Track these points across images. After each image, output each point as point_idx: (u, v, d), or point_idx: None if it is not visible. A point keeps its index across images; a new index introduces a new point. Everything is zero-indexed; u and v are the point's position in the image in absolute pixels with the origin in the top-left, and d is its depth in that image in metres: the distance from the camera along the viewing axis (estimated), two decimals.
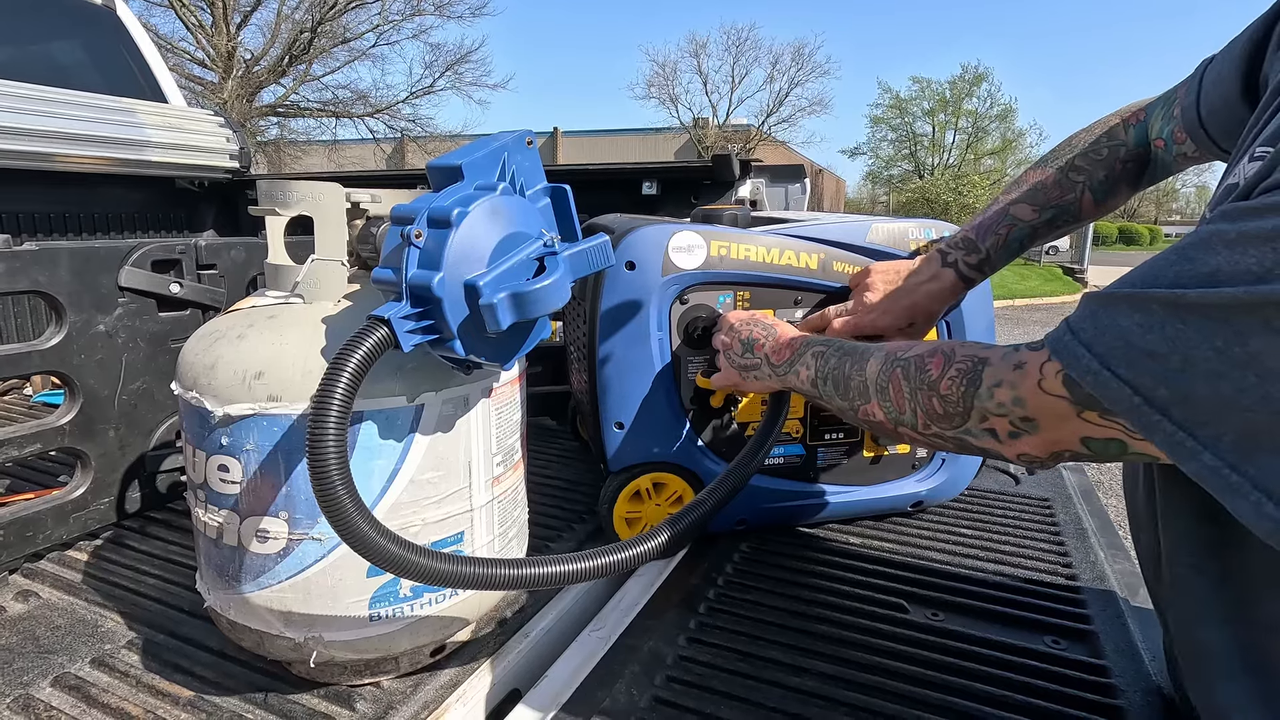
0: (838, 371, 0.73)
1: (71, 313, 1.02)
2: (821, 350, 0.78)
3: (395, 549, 0.61)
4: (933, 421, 0.62)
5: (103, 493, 1.10)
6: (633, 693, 0.76)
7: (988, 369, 0.57)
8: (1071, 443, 0.53)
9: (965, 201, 27.32)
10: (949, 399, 0.59)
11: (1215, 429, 0.43)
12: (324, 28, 17.08)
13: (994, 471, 1.35)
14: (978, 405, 0.57)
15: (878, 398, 0.67)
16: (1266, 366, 0.40)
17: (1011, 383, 0.55)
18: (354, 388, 0.59)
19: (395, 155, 24.01)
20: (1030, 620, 0.88)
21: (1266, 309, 0.40)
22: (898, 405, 0.65)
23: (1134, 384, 0.46)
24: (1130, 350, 0.46)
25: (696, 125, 28.35)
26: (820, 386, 0.76)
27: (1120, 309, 0.48)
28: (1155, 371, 0.45)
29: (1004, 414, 0.55)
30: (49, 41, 2.40)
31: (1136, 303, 0.47)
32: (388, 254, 0.65)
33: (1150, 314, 0.45)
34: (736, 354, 0.90)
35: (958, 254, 0.95)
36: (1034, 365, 0.53)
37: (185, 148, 2.17)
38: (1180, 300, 0.44)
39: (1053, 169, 0.92)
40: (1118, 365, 0.47)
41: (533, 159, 0.73)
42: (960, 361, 0.59)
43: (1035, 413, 0.54)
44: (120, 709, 0.73)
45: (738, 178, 1.75)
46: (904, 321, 0.95)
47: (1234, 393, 0.42)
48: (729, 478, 0.87)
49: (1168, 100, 0.83)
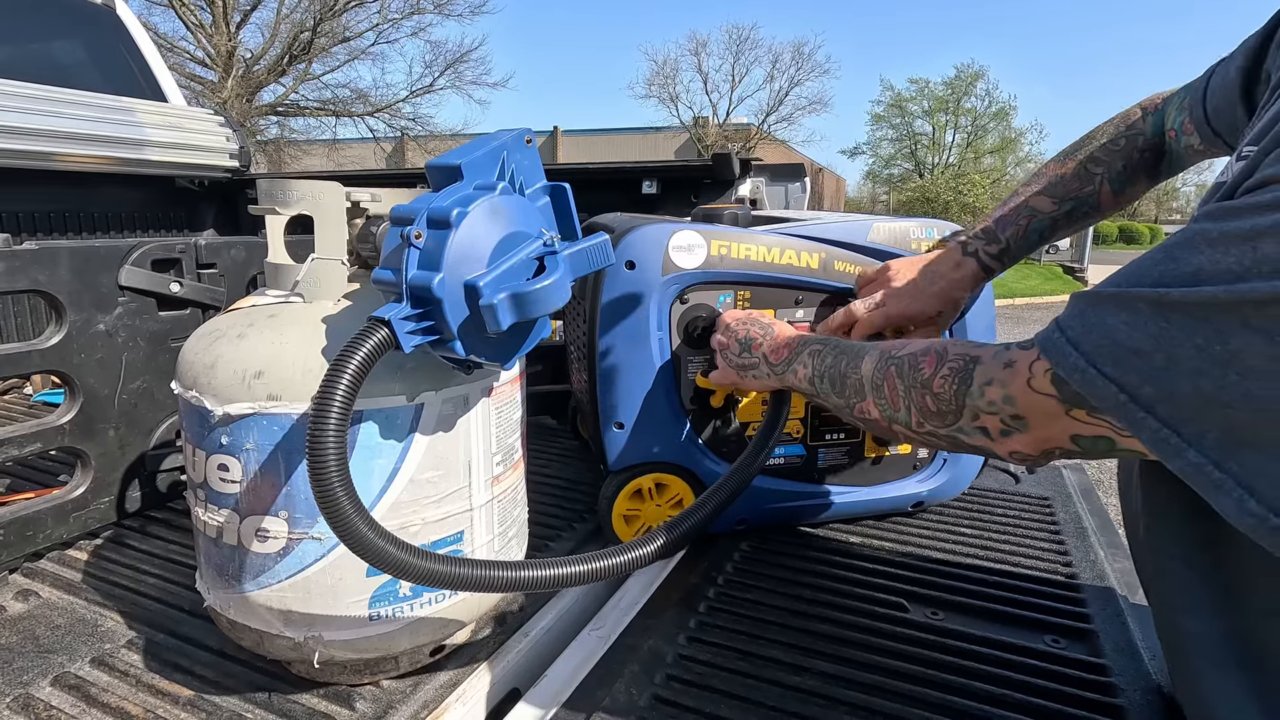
0: (834, 370, 0.74)
1: (71, 312, 1.02)
2: (818, 349, 0.78)
3: (394, 551, 0.61)
4: (926, 419, 0.62)
5: (103, 492, 1.10)
6: (633, 692, 0.76)
7: (979, 367, 0.58)
8: (1062, 440, 0.54)
9: (965, 201, 27.29)
10: (941, 397, 0.60)
11: (1198, 426, 0.44)
12: (324, 26, 17.07)
13: (994, 471, 1.35)
14: (969, 403, 0.58)
15: (873, 395, 0.68)
16: (1246, 364, 0.41)
17: (1002, 381, 0.55)
18: (354, 390, 0.59)
19: (395, 154, 24.00)
20: (1030, 619, 0.88)
21: (1244, 307, 0.41)
22: (892, 403, 0.65)
23: (1120, 382, 0.46)
24: (1116, 349, 0.47)
25: (696, 124, 28.35)
26: (817, 384, 0.76)
27: (1107, 308, 0.48)
28: (1141, 369, 0.45)
29: (995, 412, 0.56)
30: (49, 41, 2.40)
31: (1123, 302, 0.47)
32: (387, 255, 0.65)
33: (1136, 313, 0.46)
34: (734, 353, 0.90)
35: (978, 244, 0.95)
36: (1023, 364, 0.54)
37: (185, 147, 2.16)
38: (1164, 299, 0.45)
39: (1073, 161, 0.92)
40: (1104, 363, 0.47)
41: (532, 158, 0.72)
42: (952, 360, 0.60)
43: (1025, 411, 0.54)
44: (120, 708, 0.73)
45: (738, 176, 1.75)
46: (934, 308, 0.95)
47: (1215, 390, 0.42)
48: (729, 481, 0.87)
49: (1186, 90, 0.83)
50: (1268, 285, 0.40)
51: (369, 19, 18.17)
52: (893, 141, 35.34)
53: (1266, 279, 0.40)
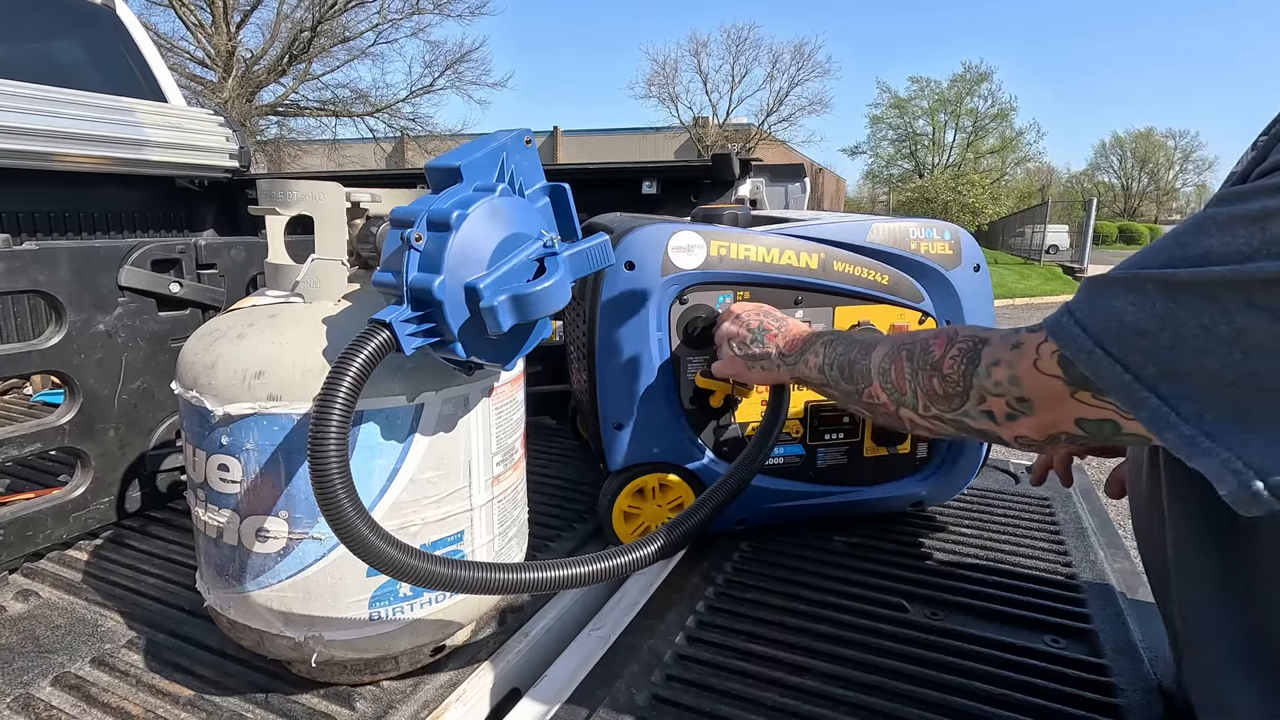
0: (844, 358, 0.75)
1: (71, 312, 1.02)
2: (831, 339, 0.80)
3: (394, 553, 0.61)
4: (932, 403, 0.63)
5: (103, 492, 1.10)
6: (632, 691, 0.76)
7: (987, 349, 0.58)
8: (1066, 424, 0.54)
9: (965, 201, 27.29)
10: (950, 378, 0.60)
11: (1198, 405, 0.44)
12: (323, 26, 17.06)
13: (994, 471, 1.35)
14: (976, 384, 0.58)
15: (879, 379, 0.69)
16: (1252, 342, 0.42)
17: (1009, 362, 0.56)
18: (356, 392, 0.59)
19: (395, 154, 24.00)
20: (1030, 619, 0.89)
21: (1251, 287, 0.41)
22: (899, 386, 0.66)
23: (1124, 361, 0.47)
24: (1122, 329, 0.47)
25: (696, 124, 28.36)
26: (827, 373, 0.78)
27: (1115, 290, 0.49)
28: (1146, 349, 0.46)
29: (1001, 394, 0.56)
30: (49, 41, 2.40)
31: (1131, 284, 0.48)
32: (388, 257, 0.65)
33: (1143, 294, 0.47)
34: (745, 342, 0.90)
35: None
36: (1031, 345, 0.54)
37: (185, 147, 2.16)
38: (1171, 279, 0.45)
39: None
40: (1110, 344, 0.48)
41: (531, 158, 0.72)
42: (962, 342, 0.61)
43: (1031, 392, 0.55)
44: (120, 708, 0.73)
45: (737, 177, 1.75)
46: None
47: (1220, 368, 0.43)
48: (726, 483, 0.87)
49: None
50: (1276, 265, 0.41)
51: (369, 19, 18.20)
52: (893, 142, 35.35)
53: (1275, 259, 0.41)
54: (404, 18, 18.51)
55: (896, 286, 1.05)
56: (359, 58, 18.55)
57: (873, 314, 1.05)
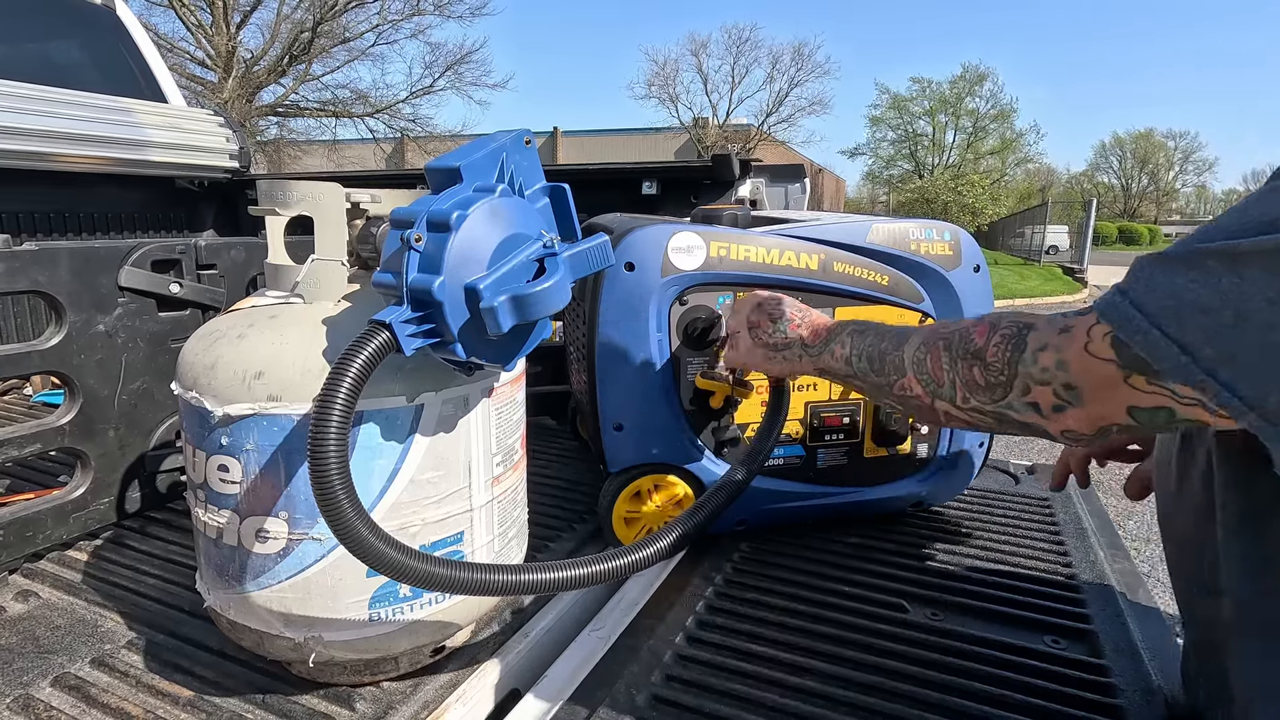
0: (874, 349, 0.71)
1: (71, 313, 1.02)
2: (860, 329, 0.76)
3: (393, 554, 0.61)
4: (972, 394, 0.59)
5: (103, 493, 1.10)
6: (632, 692, 0.76)
7: (1033, 333, 0.55)
8: (1118, 414, 0.51)
9: (965, 201, 27.30)
10: (993, 366, 0.57)
11: (1262, 389, 0.42)
12: (324, 27, 17.06)
13: (994, 471, 1.35)
14: (1021, 370, 0.55)
15: (914, 371, 0.65)
16: None
17: (1057, 346, 0.53)
18: (356, 393, 0.59)
19: (395, 155, 24.00)
20: (1030, 620, 0.89)
21: None
22: (935, 378, 0.63)
23: (1181, 342, 0.44)
24: (1181, 307, 0.45)
25: (696, 125, 28.38)
26: (855, 364, 0.74)
27: (1174, 268, 0.46)
28: (1205, 327, 0.44)
29: (1048, 381, 0.53)
30: (49, 41, 2.40)
31: (1191, 260, 0.45)
32: (388, 258, 0.65)
33: (1205, 270, 0.44)
34: (766, 332, 0.86)
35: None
36: (1081, 329, 0.51)
37: (185, 147, 2.16)
38: (1235, 250, 0.42)
39: None
40: (1167, 324, 0.45)
41: (531, 159, 0.72)
42: (1005, 328, 0.58)
43: (1079, 378, 0.51)
44: (120, 709, 0.73)
45: (737, 177, 1.75)
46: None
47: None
48: (726, 485, 0.87)
49: None
50: None
51: (369, 20, 18.20)
52: (893, 143, 35.38)
53: None
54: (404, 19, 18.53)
55: (896, 287, 1.05)
56: (359, 58, 18.57)
57: (873, 315, 1.04)
